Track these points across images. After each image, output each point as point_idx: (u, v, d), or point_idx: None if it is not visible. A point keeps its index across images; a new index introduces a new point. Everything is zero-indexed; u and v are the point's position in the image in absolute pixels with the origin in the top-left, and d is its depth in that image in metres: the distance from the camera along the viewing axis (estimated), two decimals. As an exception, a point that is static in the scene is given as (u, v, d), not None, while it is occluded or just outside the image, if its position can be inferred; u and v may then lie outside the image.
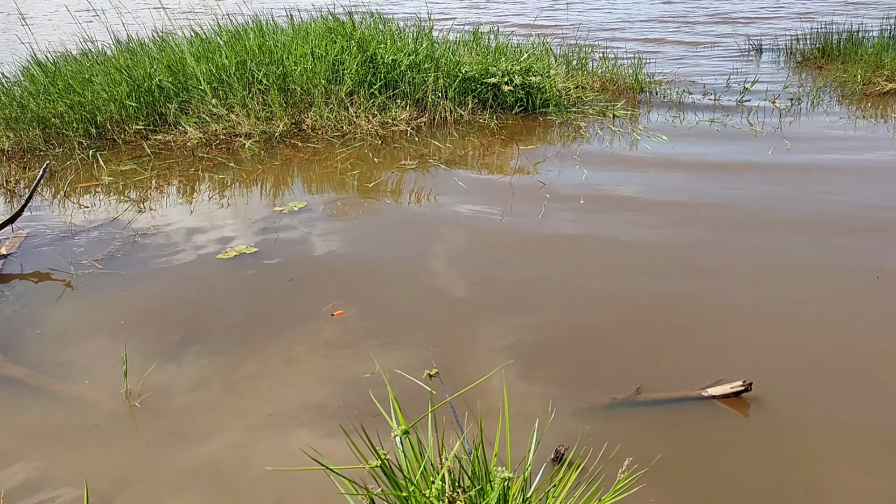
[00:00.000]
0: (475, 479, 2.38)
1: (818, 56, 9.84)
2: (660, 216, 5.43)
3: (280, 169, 6.68)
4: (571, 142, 7.20)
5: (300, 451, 2.90)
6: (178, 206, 6.00)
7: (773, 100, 8.25)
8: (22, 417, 3.57)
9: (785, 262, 4.72)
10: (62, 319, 4.38)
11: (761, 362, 3.75)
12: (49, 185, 6.47)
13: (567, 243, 5.09)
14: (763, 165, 6.40)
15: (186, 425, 3.45)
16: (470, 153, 6.97)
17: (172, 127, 7.37)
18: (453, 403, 3.14)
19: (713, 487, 3.02)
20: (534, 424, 2.72)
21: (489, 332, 4.08)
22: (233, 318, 4.31)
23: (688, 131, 7.41)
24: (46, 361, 3.96)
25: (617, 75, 8.82)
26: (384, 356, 3.86)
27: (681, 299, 4.34)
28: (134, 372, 3.75)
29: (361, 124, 7.43)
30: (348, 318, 4.25)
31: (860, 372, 3.68)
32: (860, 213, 5.36)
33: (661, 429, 3.34)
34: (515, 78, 7.77)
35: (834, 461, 3.13)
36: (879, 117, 7.78)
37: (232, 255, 5.05)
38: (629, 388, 3.55)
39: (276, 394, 3.65)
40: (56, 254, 5.18)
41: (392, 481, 2.33)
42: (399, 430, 2.33)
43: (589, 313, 4.26)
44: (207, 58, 7.81)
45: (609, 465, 2.91)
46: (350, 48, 7.69)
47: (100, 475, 3.16)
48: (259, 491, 3.04)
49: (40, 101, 7.27)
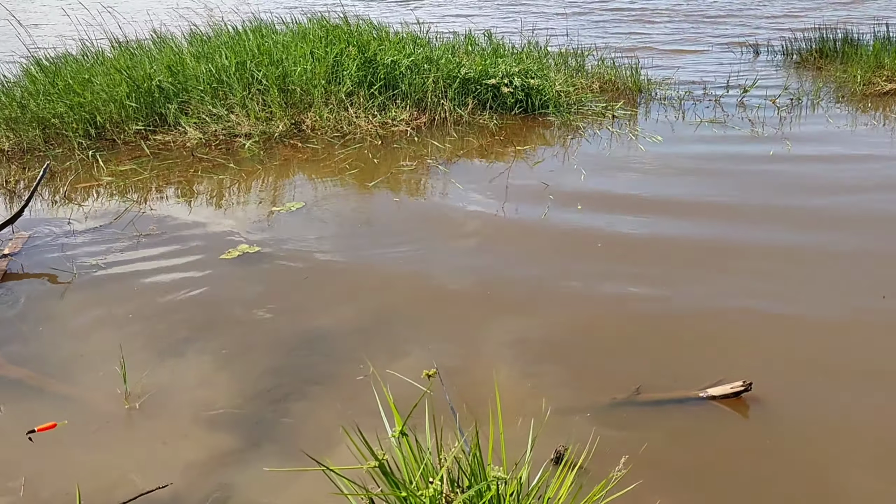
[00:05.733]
0: (472, 480, 2.39)
1: (816, 57, 9.85)
2: (659, 217, 5.44)
3: (280, 169, 6.69)
4: (571, 142, 7.21)
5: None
6: (178, 207, 6.00)
7: (774, 99, 8.25)
8: (22, 418, 3.57)
9: (789, 261, 4.73)
10: (64, 320, 4.39)
11: (762, 363, 3.76)
12: (49, 185, 6.47)
13: (566, 244, 5.10)
14: (763, 164, 6.41)
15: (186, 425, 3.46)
16: (469, 154, 6.97)
17: (172, 127, 7.37)
18: (453, 404, 3.14)
19: (718, 489, 3.03)
20: (535, 425, 2.73)
21: (490, 332, 4.09)
22: (241, 319, 4.32)
23: (688, 131, 7.41)
24: (48, 362, 3.96)
25: (616, 76, 8.82)
26: (384, 357, 3.87)
27: (681, 300, 4.35)
28: (136, 372, 3.75)
29: (361, 124, 7.43)
30: (348, 318, 4.26)
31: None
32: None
33: (663, 429, 3.34)
34: (515, 79, 7.78)
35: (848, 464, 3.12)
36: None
37: (235, 255, 5.06)
38: (629, 389, 3.56)
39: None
40: (58, 254, 5.19)
41: (390, 481, 2.35)
42: (396, 432, 2.35)
43: (589, 314, 4.26)
44: (207, 58, 7.81)
45: (609, 465, 2.91)
46: (349, 51, 7.69)
47: (100, 475, 3.16)
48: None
49: (40, 102, 7.28)
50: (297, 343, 4.08)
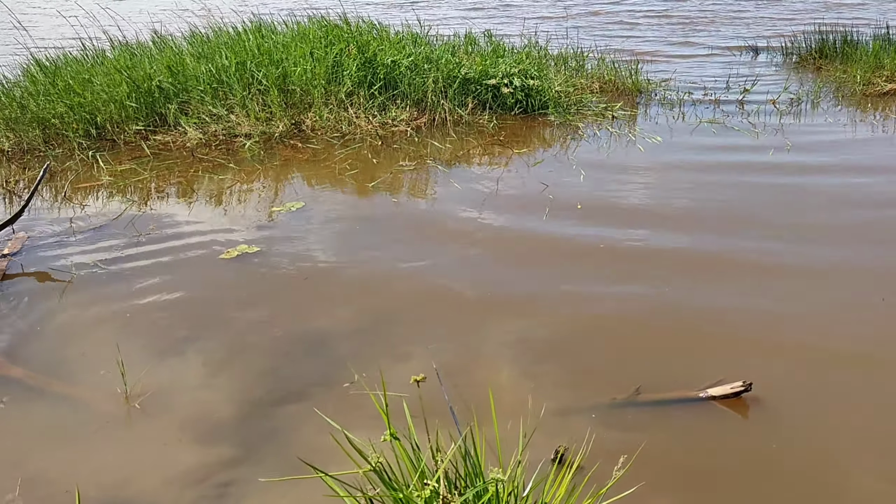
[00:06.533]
0: (468, 480, 2.39)
1: (816, 57, 9.85)
2: (659, 217, 5.44)
3: (279, 169, 6.68)
4: (571, 143, 7.20)
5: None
6: (178, 207, 6.00)
7: (774, 100, 8.25)
8: (22, 418, 3.58)
9: (788, 263, 4.73)
10: (64, 320, 4.38)
11: (762, 363, 3.76)
12: (49, 185, 6.47)
13: (566, 244, 5.09)
14: (764, 166, 6.41)
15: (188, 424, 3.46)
16: (469, 154, 6.97)
17: (172, 127, 7.37)
18: (453, 404, 3.14)
19: (719, 489, 3.03)
20: (534, 425, 2.73)
21: (490, 333, 4.08)
22: (241, 318, 4.32)
23: (688, 132, 7.41)
24: (48, 362, 3.96)
25: (616, 77, 8.82)
26: (385, 357, 3.87)
27: (681, 301, 4.35)
28: (135, 372, 3.75)
29: (361, 125, 7.43)
30: (348, 318, 4.26)
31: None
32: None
33: (663, 429, 3.34)
34: (515, 80, 7.78)
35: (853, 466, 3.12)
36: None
37: (234, 255, 5.06)
38: (629, 389, 3.56)
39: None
40: (57, 254, 5.19)
41: (386, 484, 2.35)
42: (386, 435, 2.36)
43: (589, 314, 4.26)
44: (207, 58, 7.81)
45: (609, 465, 2.91)
46: (349, 51, 7.69)
47: (101, 475, 3.16)
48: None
49: (40, 102, 7.28)
50: (297, 343, 4.07)
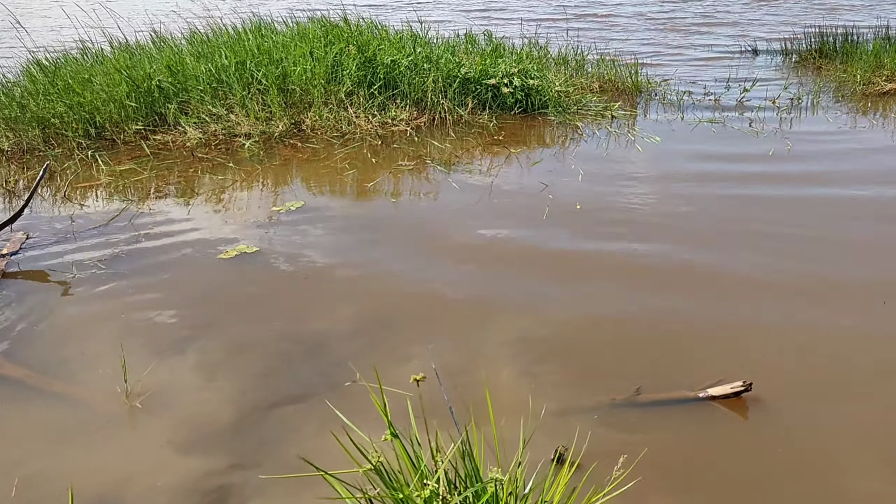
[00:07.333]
0: (467, 480, 2.39)
1: (816, 57, 9.85)
2: (659, 218, 5.44)
3: (279, 169, 6.68)
4: (570, 143, 7.20)
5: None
6: (177, 207, 6.00)
7: (774, 100, 8.25)
8: (22, 418, 3.57)
9: (788, 267, 4.73)
10: (63, 319, 4.38)
11: (762, 363, 3.76)
12: (49, 185, 6.46)
13: (567, 244, 5.09)
14: (764, 168, 6.41)
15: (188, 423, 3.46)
16: (468, 154, 6.97)
17: (172, 127, 7.37)
18: (452, 405, 3.14)
19: (718, 489, 3.03)
20: (534, 425, 2.73)
21: (490, 333, 4.08)
22: (240, 318, 4.32)
23: (688, 132, 7.41)
24: (47, 361, 3.96)
25: (616, 76, 8.82)
26: (385, 357, 3.87)
27: (680, 302, 4.35)
28: (135, 372, 3.75)
29: (361, 124, 7.43)
30: (347, 318, 4.25)
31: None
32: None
33: (663, 429, 3.34)
34: (514, 79, 7.78)
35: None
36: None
37: (233, 255, 5.06)
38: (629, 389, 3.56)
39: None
40: (57, 254, 5.18)
41: (386, 484, 2.35)
42: (387, 434, 2.36)
43: (589, 314, 4.26)
44: (207, 58, 7.81)
45: (609, 465, 2.91)
46: (349, 50, 7.68)
47: (101, 474, 3.16)
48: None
49: (40, 102, 7.27)
50: (297, 343, 4.07)
